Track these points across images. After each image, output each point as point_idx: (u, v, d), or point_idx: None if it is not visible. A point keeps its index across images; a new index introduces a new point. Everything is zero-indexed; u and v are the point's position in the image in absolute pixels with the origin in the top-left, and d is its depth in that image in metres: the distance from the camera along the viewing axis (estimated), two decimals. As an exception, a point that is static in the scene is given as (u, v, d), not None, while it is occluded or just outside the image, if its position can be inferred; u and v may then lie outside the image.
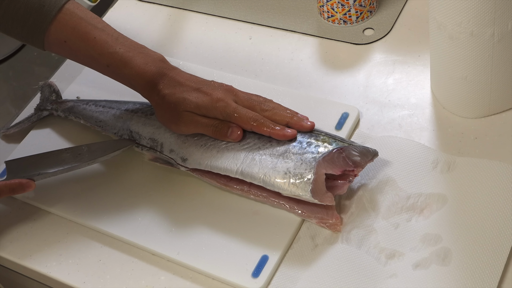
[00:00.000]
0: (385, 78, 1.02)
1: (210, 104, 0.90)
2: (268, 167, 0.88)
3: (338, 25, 1.10)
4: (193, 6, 1.20)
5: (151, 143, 0.96)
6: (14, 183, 0.92)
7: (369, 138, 0.94)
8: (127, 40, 0.94)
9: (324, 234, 0.87)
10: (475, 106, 0.93)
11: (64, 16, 0.93)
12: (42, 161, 0.97)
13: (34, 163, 0.97)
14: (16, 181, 0.92)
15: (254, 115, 0.90)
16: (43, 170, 0.95)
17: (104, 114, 1.02)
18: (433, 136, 0.94)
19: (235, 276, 0.85)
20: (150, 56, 0.93)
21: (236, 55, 1.11)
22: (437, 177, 0.88)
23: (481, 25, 0.83)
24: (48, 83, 1.12)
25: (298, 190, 0.86)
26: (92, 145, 0.98)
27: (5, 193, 0.92)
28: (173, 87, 0.91)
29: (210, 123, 0.91)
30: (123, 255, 0.92)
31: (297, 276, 0.85)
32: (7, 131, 1.09)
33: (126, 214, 0.94)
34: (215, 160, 0.91)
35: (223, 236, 0.89)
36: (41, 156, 0.98)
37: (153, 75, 0.92)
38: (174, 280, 0.88)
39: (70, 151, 0.98)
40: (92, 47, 0.93)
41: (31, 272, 0.94)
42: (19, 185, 0.92)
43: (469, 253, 0.81)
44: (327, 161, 0.86)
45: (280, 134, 0.89)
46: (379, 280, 0.82)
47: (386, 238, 0.85)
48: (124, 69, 0.92)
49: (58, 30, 0.93)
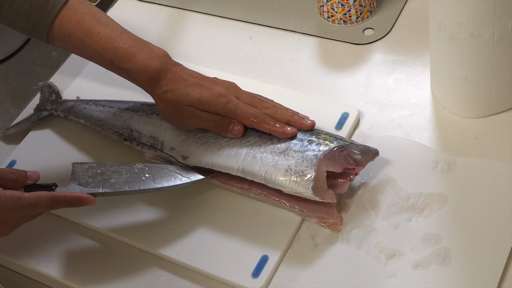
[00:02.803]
0: (385, 78, 1.02)
1: (212, 100, 0.90)
2: (269, 164, 0.88)
3: (338, 25, 1.10)
4: (193, 6, 1.20)
5: (151, 141, 0.96)
6: (74, 197, 0.86)
7: (369, 138, 0.94)
8: (131, 35, 0.94)
9: (324, 233, 0.87)
10: (475, 106, 0.93)
11: (68, 11, 0.93)
12: (111, 175, 0.90)
13: (100, 174, 0.90)
14: (76, 195, 0.86)
15: (255, 111, 0.90)
16: (107, 188, 0.88)
17: (104, 113, 1.02)
18: (433, 136, 0.94)
19: (235, 276, 0.85)
20: (154, 52, 0.93)
21: (236, 55, 1.11)
22: (437, 177, 0.88)
23: (481, 25, 0.83)
24: (47, 83, 1.12)
25: (300, 187, 0.86)
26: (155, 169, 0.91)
27: (63, 206, 0.86)
28: (176, 82, 0.92)
29: (212, 118, 0.91)
30: (123, 255, 0.92)
31: (297, 276, 0.85)
32: (6, 131, 1.09)
33: (126, 214, 0.94)
34: (216, 158, 0.91)
35: (223, 236, 0.89)
36: (110, 167, 0.91)
37: (157, 70, 0.92)
38: (174, 280, 0.88)
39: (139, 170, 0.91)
40: (96, 42, 0.93)
41: (31, 272, 0.94)
42: (79, 199, 0.86)
43: (469, 253, 0.81)
44: (328, 158, 0.87)
45: (280, 132, 0.89)
46: (379, 280, 0.82)
47: (386, 238, 0.85)
48: (127, 64, 0.92)
49: (62, 25, 0.93)
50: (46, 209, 0.85)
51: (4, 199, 0.81)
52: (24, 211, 0.83)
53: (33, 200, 0.83)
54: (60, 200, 0.85)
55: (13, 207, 0.82)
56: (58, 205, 0.85)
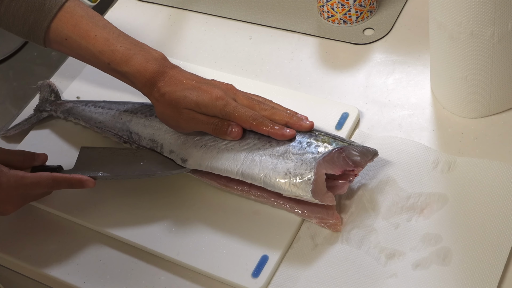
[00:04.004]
0: (385, 78, 1.02)
1: (210, 102, 0.90)
2: (268, 167, 0.87)
3: (338, 25, 1.10)
4: (193, 6, 1.20)
5: (151, 144, 0.96)
6: (74, 178, 0.91)
7: (369, 138, 0.94)
8: (128, 38, 0.94)
9: (324, 234, 0.87)
10: (475, 106, 0.93)
11: (65, 14, 0.93)
12: (112, 158, 0.95)
13: (104, 158, 0.95)
14: (76, 177, 0.91)
15: (253, 114, 0.90)
16: (106, 172, 0.93)
17: (104, 115, 1.02)
18: (433, 136, 0.94)
19: (235, 276, 0.85)
20: (151, 54, 0.93)
21: (236, 55, 1.11)
22: (437, 177, 0.88)
23: (481, 25, 0.83)
24: (47, 82, 1.12)
25: (299, 190, 0.85)
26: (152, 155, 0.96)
27: (63, 187, 0.91)
28: (173, 85, 0.91)
29: (210, 121, 0.91)
30: (123, 255, 0.92)
31: (297, 276, 0.85)
32: (6, 132, 1.08)
33: (126, 214, 0.94)
34: (215, 161, 0.91)
35: (223, 236, 0.89)
36: (113, 152, 0.96)
37: (154, 72, 0.92)
38: (174, 280, 0.88)
39: (138, 154, 0.96)
40: (93, 45, 0.93)
41: (31, 272, 0.94)
42: (79, 181, 0.91)
43: (469, 253, 0.81)
44: (327, 161, 0.86)
45: (279, 134, 0.89)
46: (379, 280, 0.82)
47: (386, 238, 0.85)
48: (124, 67, 0.92)
49: (59, 28, 0.93)
50: (47, 188, 0.90)
51: (8, 177, 0.87)
52: (26, 190, 0.89)
53: (34, 179, 0.89)
54: (60, 180, 0.91)
55: (16, 185, 0.88)
56: (58, 186, 0.91)
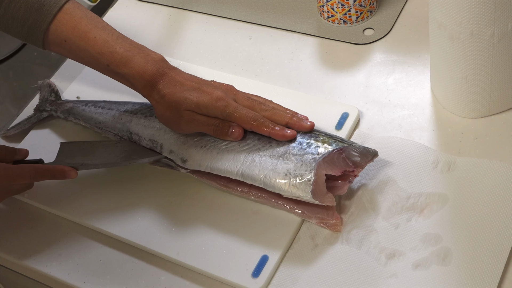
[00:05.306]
0: (385, 78, 1.02)
1: (210, 103, 0.90)
2: (268, 168, 0.87)
3: (338, 25, 1.10)
4: (193, 6, 1.20)
5: (151, 144, 0.96)
6: (56, 169, 0.93)
7: (369, 138, 0.94)
8: (127, 39, 0.94)
9: (324, 234, 0.87)
10: (475, 106, 0.93)
11: (64, 16, 0.93)
12: (93, 150, 0.97)
13: (84, 150, 0.97)
14: (58, 168, 0.93)
15: (254, 114, 0.90)
16: (87, 161, 0.95)
17: (104, 115, 1.02)
18: (433, 136, 0.94)
19: (235, 276, 0.85)
20: (150, 56, 0.93)
21: (236, 55, 1.11)
22: (437, 177, 0.88)
23: (481, 25, 0.83)
24: (47, 82, 1.12)
25: (299, 191, 0.85)
26: (133, 146, 0.98)
27: (45, 177, 0.93)
28: (173, 86, 0.91)
29: (211, 122, 0.91)
30: (123, 255, 0.92)
31: (297, 276, 0.85)
32: (6, 132, 1.09)
33: (126, 214, 0.94)
34: (215, 162, 0.90)
35: (223, 236, 0.89)
36: (93, 144, 0.98)
37: (153, 74, 0.92)
38: (174, 280, 0.88)
39: (120, 146, 0.98)
40: (92, 47, 0.93)
41: (31, 272, 0.94)
42: (61, 171, 0.93)
43: (469, 253, 0.81)
44: (327, 162, 0.86)
45: (279, 134, 0.89)
46: (379, 280, 0.82)
47: (386, 238, 0.85)
48: (124, 68, 0.92)
49: (58, 30, 0.93)
50: (29, 179, 0.92)
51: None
52: (10, 181, 0.91)
53: (17, 170, 0.91)
54: (42, 171, 0.93)
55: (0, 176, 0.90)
56: (41, 176, 0.93)
